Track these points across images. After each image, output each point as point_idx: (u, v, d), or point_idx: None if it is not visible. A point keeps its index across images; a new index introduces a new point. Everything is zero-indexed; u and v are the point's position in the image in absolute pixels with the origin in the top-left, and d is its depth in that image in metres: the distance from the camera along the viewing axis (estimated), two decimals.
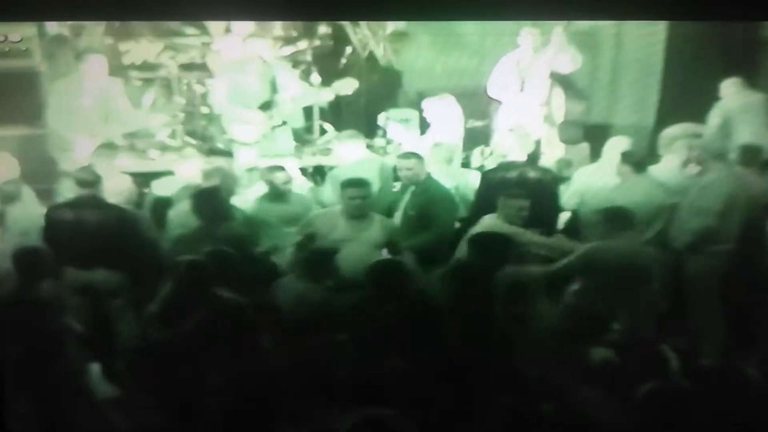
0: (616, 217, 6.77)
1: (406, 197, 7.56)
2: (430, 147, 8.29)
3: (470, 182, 8.06)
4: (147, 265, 6.79)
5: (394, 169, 7.92)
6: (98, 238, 6.84)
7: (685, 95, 9.19)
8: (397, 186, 7.99)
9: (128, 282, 6.86)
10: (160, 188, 7.99)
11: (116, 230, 6.88)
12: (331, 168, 8.60)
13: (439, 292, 6.36)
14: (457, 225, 7.60)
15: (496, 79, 9.10)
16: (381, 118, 8.98)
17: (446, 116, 8.84)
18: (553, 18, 8.08)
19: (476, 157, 8.58)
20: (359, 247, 6.89)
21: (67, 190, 7.44)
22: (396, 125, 9.00)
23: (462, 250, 6.89)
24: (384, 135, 9.22)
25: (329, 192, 7.99)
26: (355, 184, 7.07)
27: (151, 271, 6.65)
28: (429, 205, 7.44)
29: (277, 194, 7.53)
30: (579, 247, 6.92)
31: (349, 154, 8.29)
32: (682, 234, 7.22)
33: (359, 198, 7.00)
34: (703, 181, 7.46)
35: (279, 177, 7.54)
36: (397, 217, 7.53)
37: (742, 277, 6.95)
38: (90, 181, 7.04)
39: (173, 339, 5.89)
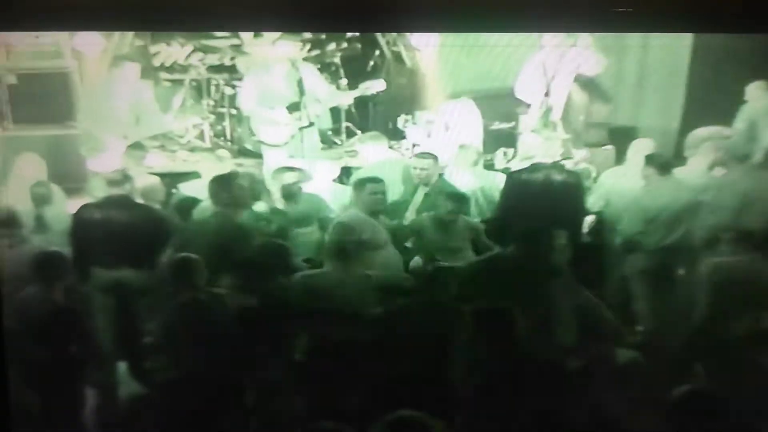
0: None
1: (418, 197, 7.66)
2: (457, 149, 8.32)
3: (495, 183, 8.09)
4: None
5: None
6: (127, 238, 6.92)
7: (711, 98, 9.14)
8: None
9: (156, 281, 6.85)
10: (187, 189, 8.06)
11: (145, 230, 6.96)
12: (357, 169, 8.64)
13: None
14: (482, 226, 7.65)
15: (524, 81, 9.11)
16: (400, 121, 9.01)
17: (466, 119, 8.87)
18: (579, 30, 8.14)
19: (500, 158, 8.57)
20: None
21: (97, 190, 7.47)
22: (415, 127, 9.02)
23: None
24: (404, 137, 9.23)
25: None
26: (374, 180, 7.26)
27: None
28: (447, 205, 7.49)
29: (288, 195, 7.61)
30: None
31: (372, 155, 8.38)
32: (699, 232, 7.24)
33: (381, 193, 7.18)
34: (722, 180, 7.49)
35: (288, 177, 7.62)
36: (408, 219, 7.63)
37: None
38: (120, 180, 7.12)
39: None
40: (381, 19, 5.32)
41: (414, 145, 9.14)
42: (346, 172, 8.98)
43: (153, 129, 9.05)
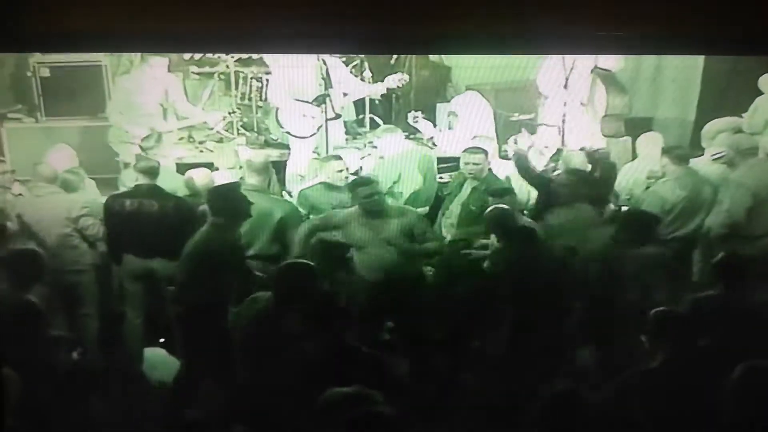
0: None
1: (465, 191, 7.75)
2: (471, 140, 8.42)
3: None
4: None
5: (438, 161, 8.18)
6: (156, 227, 7.05)
7: (726, 90, 9.13)
8: (444, 177, 8.26)
9: None
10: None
11: (174, 219, 7.06)
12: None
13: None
14: None
15: (545, 75, 9.17)
16: (410, 117, 9.07)
17: (475, 111, 8.94)
18: (591, 53, 8.22)
19: (511, 147, 8.54)
20: (379, 245, 7.11)
21: (128, 180, 7.64)
22: (425, 122, 9.13)
23: None
24: (416, 132, 9.30)
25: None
26: (366, 183, 7.28)
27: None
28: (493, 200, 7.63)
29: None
30: None
31: (392, 147, 8.44)
32: (714, 225, 7.21)
33: (376, 193, 7.17)
34: (734, 174, 7.46)
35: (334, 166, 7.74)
36: (452, 210, 7.76)
37: None
38: (152, 169, 7.25)
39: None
40: (401, 43, 5.42)
41: (431, 138, 9.30)
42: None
43: (182, 122, 9.21)
